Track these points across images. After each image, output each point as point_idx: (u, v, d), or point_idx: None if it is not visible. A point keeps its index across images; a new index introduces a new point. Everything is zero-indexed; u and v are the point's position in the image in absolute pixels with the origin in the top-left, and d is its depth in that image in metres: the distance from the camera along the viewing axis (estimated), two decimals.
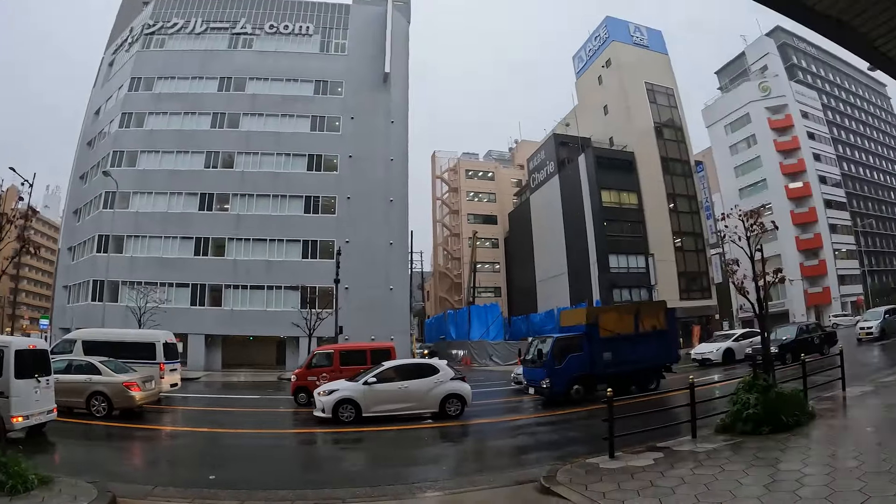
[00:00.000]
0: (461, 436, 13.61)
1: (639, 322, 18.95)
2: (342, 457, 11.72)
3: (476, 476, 8.67)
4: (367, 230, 41.03)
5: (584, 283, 49.74)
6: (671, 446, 9.05)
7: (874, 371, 18.30)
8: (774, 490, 6.38)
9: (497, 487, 7.85)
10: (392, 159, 44.08)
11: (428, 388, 15.05)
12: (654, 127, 53.91)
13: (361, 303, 38.19)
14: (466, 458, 10.96)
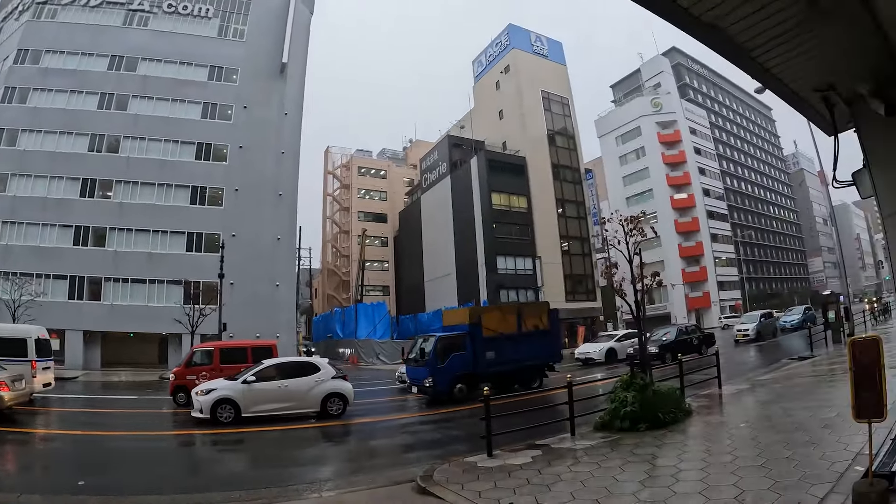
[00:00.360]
0: (343, 436, 14.56)
1: (521, 322, 21.22)
2: (219, 459, 12.41)
3: (355, 477, 9.37)
4: (255, 224, 43.94)
5: (471, 283, 55.84)
6: (550, 444, 10.10)
7: (750, 370, 21.25)
8: (650, 485, 7.12)
9: (375, 488, 8.45)
10: (283, 152, 47.58)
11: (309, 386, 16.22)
12: (548, 134, 62.62)
13: (247, 299, 40.43)
14: (347, 459, 11.70)
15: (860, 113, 5.52)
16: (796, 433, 9.45)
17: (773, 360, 24.15)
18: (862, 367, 5.91)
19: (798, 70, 4.92)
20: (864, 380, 5.91)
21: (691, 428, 10.96)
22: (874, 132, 5.47)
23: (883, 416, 5.93)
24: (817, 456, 7.91)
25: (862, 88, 5.27)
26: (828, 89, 5.32)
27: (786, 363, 21.81)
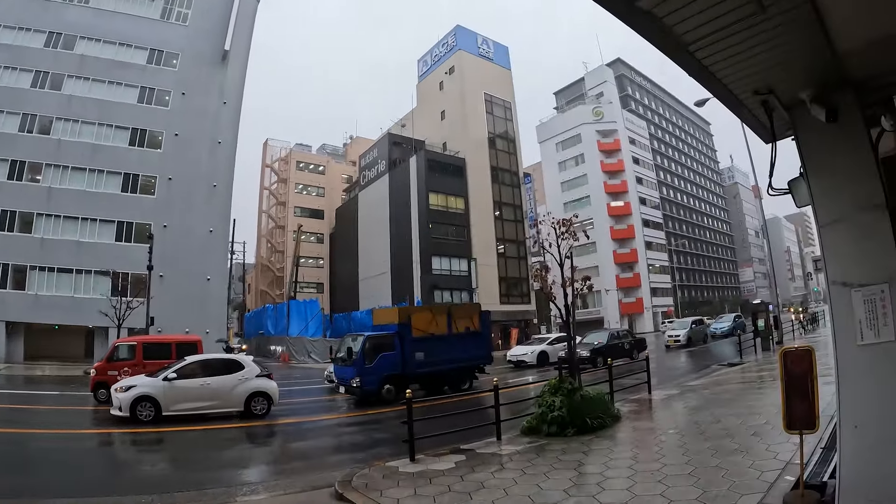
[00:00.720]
0: (265, 437, 14.27)
1: (452, 323, 21.20)
2: (134, 460, 11.97)
3: (273, 481, 9.24)
4: (188, 215, 43.13)
5: (406, 282, 55.74)
6: (475, 448, 10.02)
7: (681, 375, 21.75)
8: (575, 494, 6.97)
9: (292, 493, 8.27)
10: (220, 142, 46.53)
11: (232, 385, 15.85)
12: (489, 137, 63.20)
13: (177, 293, 39.70)
14: (266, 461, 11.50)
15: (800, 119, 5.50)
16: (725, 440, 9.45)
17: (704, 365, 24.62)
18: (794, 378, 5.91)
19: (739, 70, 4.86)
20: (796, 391, 5.90)
21: (620, 434, 10.92)
22: (813, 139, 5.47)
23: (815, 428, 5.95)
24: (747, 464, 7.87)
25: (803, 94, 5.25)
26: (768, 93, 5.28)
27: (715, 369, 22.15)
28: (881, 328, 4.91)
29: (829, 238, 5.38)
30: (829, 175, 5.47)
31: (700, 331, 40.98)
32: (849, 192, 5.31)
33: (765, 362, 22.71)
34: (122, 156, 43.24)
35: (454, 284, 56.37)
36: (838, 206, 5.35)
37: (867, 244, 5.14)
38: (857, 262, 5.21)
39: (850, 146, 5.36)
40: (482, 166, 61.76)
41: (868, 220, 5.13)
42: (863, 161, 5.28)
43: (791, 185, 6.29)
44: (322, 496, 8.05)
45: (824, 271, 5.43)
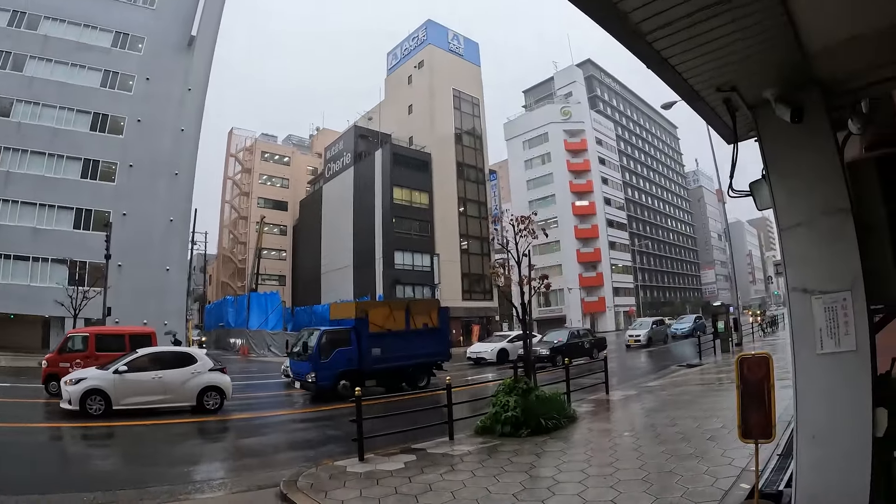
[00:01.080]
0: (215, 433, 13.99)
1: (410, 319, 20.98)
2: (80, 456, 11.68)
3: (218, 479, 9.03)
4: (148, 204, 42.15)
5: (368, 277, 55.55)
6: (427, 448, 9.84)
7: (640, 375, 21.77)
8: (525, 499, 6.84)
9: (237, 493, 8.12)
10: (183, 129, 45.52)
11: (184, 378, 15.50)
12: (455, 133, 63.18)
13: (135, 283, 39.16)
14: (214, 459, 11.15)
15: (763, 119, 5.33)
16: (681, 444, 9.33)
17: (663, 366, 24.73)
18: (750, 386, 5.74)
19: (700, 64, 4.65)
20: (752, 399, 5.74)
21: (574, 435, 10.76)
22: (776, 140, 5.29)
23: (771, 438, 5.78)
24: (701, 470, 7.73)
25: (768, 92, 5.07)
26: (731, 90, 5.07)
27: (675, 370, 22.25)
28: (842, 337, 4.75)
29: (789, 242, 5.20)
30: (792, 177, 5.30)
31: (661, 331, 41.46)
32: (812, 195, 5.14)
33: (724, 364, 22.83)
34: (82, 141, 42.08)
35: (416, 280, 56.02)
36: (801, 210, 5.18)
37: (830, 250, 4.97)
38: (818, 268, 5.04)
39: (814, 148, 5.19)
40: (448, 162, 61.71)
41: (831, 224, 4.96)
42: (828, 164, 5.12)
43: (752, 188, 6.12)
44: (267, 496, 7.84)
45: (784, 276, 5.26)
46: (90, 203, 41.57)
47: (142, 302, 39.02)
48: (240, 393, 19.08)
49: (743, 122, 5.91)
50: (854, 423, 4.69)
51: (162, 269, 42.98)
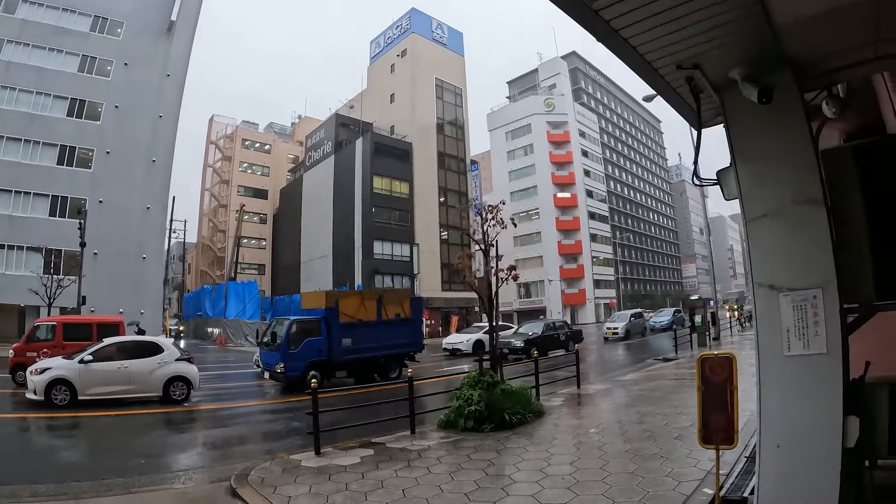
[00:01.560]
0: (179, 424, 13.67)
1: (382, 309, 20.59)
2: (39, 447, 11.46)
3: (175, 472, 8.86)
4: (125, 191, 41.58)
5: (347, 266, 55.28)
6: (387, 442, 9.67)
7: (615, 369, 21.56)
8: (476, 499, 6.61)
9: (189, 486, 7.98)
10: (161, 116, 44.71)
11: (150, 368, 15.30)
12: (437, 122, 62.80)
13: (111, 271, 38.65)
14: (174, 451, 10.88)
15: (730, 101, 4.92)
16: (647, 443, 9.07)
17: (639, 359, 24.55)
18: (712, 387, 5.33)
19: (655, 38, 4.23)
20: (714, 401, 5.33)
21: (539, 431, 10.41)
22: (744, 126, 4.89)
23: (733, 444, 5.41)
24: (665, 472, 7.41)
25: (734, 72, 4.62)
26: (693, 68, 4.61)
27: (650, 363, 22.04)
28: (811, 339, 4.34)
29: (756, 234, 4.77)
30: (759, 163, 4.88)
31: (639, 324, 41.42)
32: (781, 183, 4.73)
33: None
34: (59, 127, 41.25)
35: (396, 270, 55.82)
36: (768, 199, 4.76)
37: (800, 243, 4.55)
38: (787, 262, 4.63)
39: (785, 133, 4.77)
40: (429, 152, 61.38)
41: (802, 215, 4.54)
42: (800, 150, 4.70)
43: (720, 176, 5.71)
44: (219, 490, 7.66)
45: (749, 271, 4.84)
46: (66, 190, 40.80)
47: (118, 291, 38.51)
48: (211, 383, 18.94)
49: (710, 106, 5.52)
50: (822, 432, 4.33)
51: (138, 258, 42.36)
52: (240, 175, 75.14)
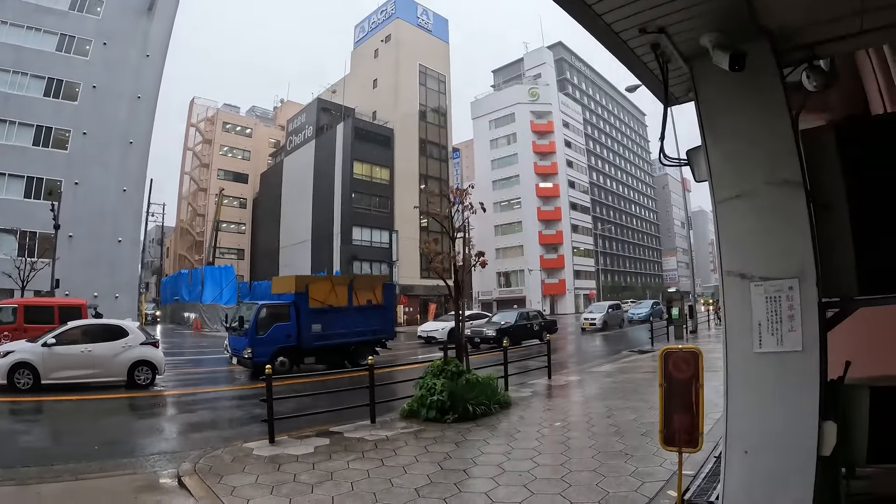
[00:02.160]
0: (141, 409, 13.46)
1: (353, 295, 20.29)
2: None
3: (128, 458, 8.58)
4: (101, 173, 40.93)
5: (326, 252, 55.21)
6: (345, 432, 9.46)
7: (589, 359, 21.30)
8: (426, 495, 6.32)
9: (141, 473, 7.74)
10: (139, 97, 44.00)
11: (114, 352, 15.04)
12: (420, 109, 62.42)
13: (87, 255, 38.21)
14: (130, 437, 10.55)
15: (700, 71, 4.46)
16: (612, 439, 8.69)
17: (615, 350, 24.35)
18: (675, 385, 4.84)
19: None
20: (677, 400, 4.87)
21: (502, 423, 10.10)
22: (715, 100, 4.42)
23: (697, 447, 4.96)
24: (628, 471, 7.01)
25: (705, 39, 4.11)
26: (659, 32, 4.08)
27: (626, 355, 21.80)
28: (785, 334, 3.85)
29: (726, 217, 4.28)
30: (732, 141, 4.39)
31: (617, 315, 41.18)
32: (755, 161, 4.25)
33: None
34: (35, 107, 40.24)
35: (374, 256, 55.72)
36: (740, 178, 4.29)
37: (774, 228, 4.07)
38: (760, 249, 4.15)
39: (761, 109, 4.29)
40: (411, 138, 60.98)
41: (778, 197, 4.06)
42: (777, 128, 4.21)
43: (690, 156, 5.24)
44: (167, 478, 7.42)
45: (718, 259, 4.35)
46: (42, 171, 39.93)
47: (93, 274, 38.01)
48: (181, 368, 18.94)
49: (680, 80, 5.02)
50: (796, 438, 3.88)
51: (114, 241, 41.73)
52: (220, 159, 74.12)
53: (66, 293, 31.72)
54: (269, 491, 6.61)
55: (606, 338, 32.99)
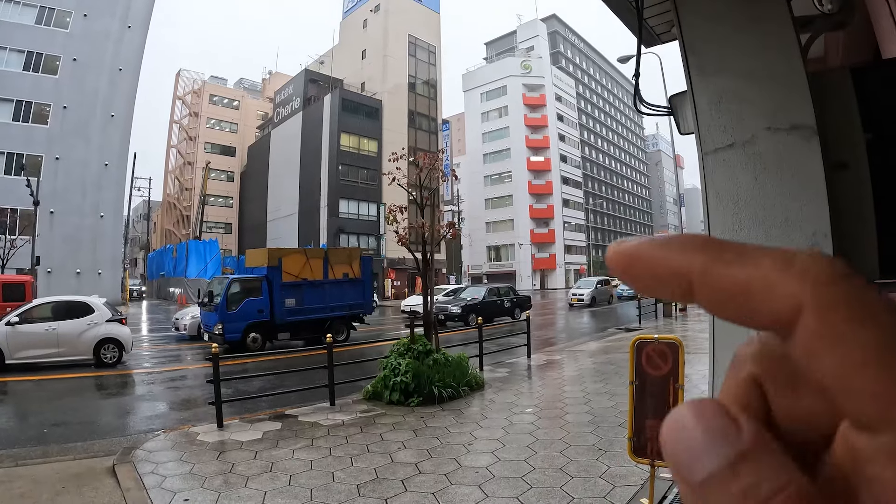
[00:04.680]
0: (103, 389, 13.00)
1: (329, 268, 19.61)
2: None
3: (73, 443, 8.11)
4: (82, 147, 40.32)
5: (313, 225, 54.67)
6: (300, 415, 9.03)
7: (574, 337, 20.75)
8: (367, 494, 5.79)
9: (78, 459, 7.29)
10: (121, 69, 43.12)
11: (80, 330, 14.65)
12: (409, 81, 61.56)
13: (68, 230, 37.84)
14: (84, 419, 9.96)
15: (686, 12, 3.40)
16: (586, 430, 7.94)
17: (601, 328, 23.69)
18: (649, 383, 3.90)
19: None
20: (652, 401, 3.90)
21: (470, 408, 9.49)
22: (703, 32, 3.42)
23: None
24: (599, 471, 6.23)
25: None
26: None
27: (612, 332, 21.11)
28: None
29: (715, 172, 3.30)
30: (724, 80, 3.40)
31: (605, 291, 40.55)
32: (754, 106, 3.26)
33: (664, 329, 21.35)
34: (15, 81, 39.33)
35: (362, 229, 55.14)
36: (736, 126, 3.29)
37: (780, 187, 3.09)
38: (759, 213, 3.17)
39: (761, 35, 3.30)
40: (399, 110, 60.00)
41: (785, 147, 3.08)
42: (779, 63, 3.22)
43: (674, 103, 4.26)
44: (103, 466, 6.98)
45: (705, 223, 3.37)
46: (22, 147, 39.08)
47: (74, 250, 37.93)
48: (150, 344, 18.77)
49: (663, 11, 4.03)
50: None
51: (96, 216, 41.16)
52: (207, 132, 72.69)
53: (48, 270, 33.02)
54: (201, 483, 6.19)
55: (594, 314, 32.36)
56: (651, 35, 4.28)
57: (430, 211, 12.04)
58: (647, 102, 4.22)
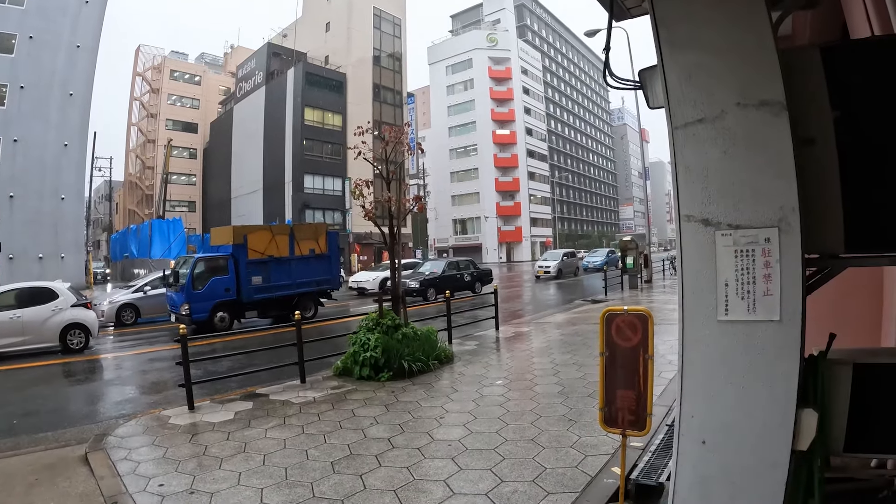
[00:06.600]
0: (71, 376, 12.74)
1: (295, 244, 19.54)
2: None
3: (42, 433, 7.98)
4: (41, 128, 38.69)
5: (278, 201, 54.35)
6: (271, 394, 9.02)
7: (541, 309, 20.76)
8: (342, 471, 5.75)
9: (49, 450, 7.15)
10: (79, 46, 41.28)
11: (44, 317, 14.32)
12: (374, 54, 60.93)
13: (28, 214, 36.58)
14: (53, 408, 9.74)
15: None
16: (556, 400, 8.00)
17: (567, 300, 23.76)
18: (619, 355, 3.96)
19: None
20: (621, 373, 3.97)
21: (440, 381, 9.56)
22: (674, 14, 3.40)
23: (644, 429, 4.13)
24: (570, 441, 6.30)
25: None
26: None
27: (579, 304, 21.28)
28: (759, 299, 2.95)
29: (684, 147, 3.30)
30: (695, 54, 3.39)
31: (571, 263, 40.81)
32: (724, 81, 3.27)
33: (630, 301, 21.61)
34: None
35: (327, 204, 55.03)
36: (706, 100, 3.29)
37: (749, 162, 3.12)
38: (729, 188, 3.20)
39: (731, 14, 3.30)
40: (364, 83, 59.68)
41: (754, 123, 3.09)
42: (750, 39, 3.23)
43: (643, 77, 4.27)
44: (75, 454, 6.85)
45: (675, 200, 3.40)
46: None
47: (36, 234, 36.13)
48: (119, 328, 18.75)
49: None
50: (767, 428, 2.99)
51: (57, 199, 39.38)
52: (168, 108, 71.15)
53: (10, 256, 31.93)
54: (175, 467, 6.11)
55: (560, 286, 32.54)
56: (622, 9, 4.26)
57: (397, 185, 11.88)
58: (617, 76, 4.21)
